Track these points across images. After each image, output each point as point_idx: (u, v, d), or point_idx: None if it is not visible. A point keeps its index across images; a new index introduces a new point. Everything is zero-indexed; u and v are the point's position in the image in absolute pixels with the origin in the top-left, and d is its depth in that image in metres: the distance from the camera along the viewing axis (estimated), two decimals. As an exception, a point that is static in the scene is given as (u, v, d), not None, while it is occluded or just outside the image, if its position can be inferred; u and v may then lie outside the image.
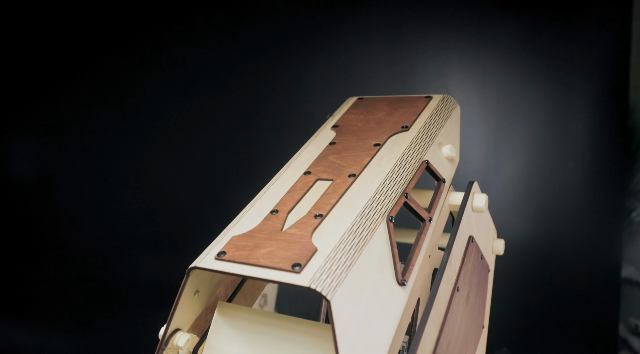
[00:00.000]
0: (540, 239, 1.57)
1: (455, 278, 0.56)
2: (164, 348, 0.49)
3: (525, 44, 1.40)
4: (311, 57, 1.30)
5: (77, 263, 1.21)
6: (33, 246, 1.19)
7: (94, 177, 1.19)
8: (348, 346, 0.41)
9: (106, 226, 1.21)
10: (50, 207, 1.18)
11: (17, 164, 1.14)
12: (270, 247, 0.46)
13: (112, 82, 1.18)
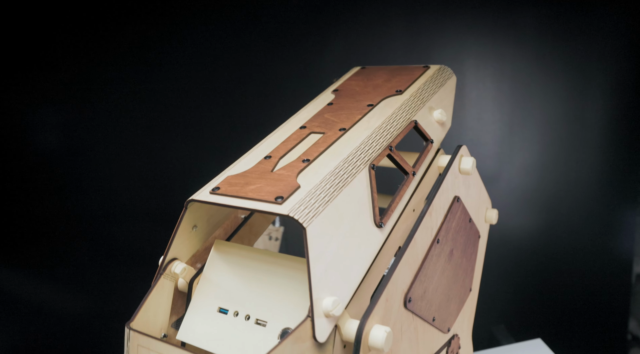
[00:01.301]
0: (551, 229, 1.58)
1: (436, 231, 0.60)
2: (162, 273, 0.54)
3: (543, 32, 1.41)
4: (328, 41, 1.33)
5: (88, 224, 1.28)
6: (52, 206, 1.26)
7: (115, 146, 1.26)
8: (320, 271, 0.45)
9: (117, 192, 1.27)
10: (75, 172, 1.25)
11: (43, 132, 1.21)
12: (259, 184, 0.50)
13: (135, 52, 1.24)
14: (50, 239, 1.27)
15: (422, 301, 0.58)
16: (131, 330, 0.47)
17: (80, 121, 1.23)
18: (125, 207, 1.29)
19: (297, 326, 0.43)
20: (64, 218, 1.26)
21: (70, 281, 1.29)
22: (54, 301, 1.30)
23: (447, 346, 0.69)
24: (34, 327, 1.28)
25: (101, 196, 1.27)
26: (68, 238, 1.28)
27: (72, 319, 1.29)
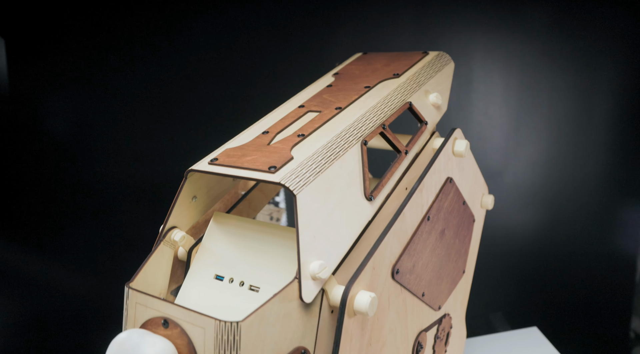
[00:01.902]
0: (556, 225, 1.59)
1: (427, 208, 0.62)
2: (161, 240, 0.57)
3: (552, 27, 1.42)
4: (336, 34, 1.36)
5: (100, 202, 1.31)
6: (66, 186, 1.30)
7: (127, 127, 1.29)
8: (308, 236, 0.48)
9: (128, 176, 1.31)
10: (85, 152, 1.29)
11: (54, 115, 1.25)
12: (255, 156, 0.53)
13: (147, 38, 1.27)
14: (59, 219, 1.31)
15: (411, 274, 0.60)
16: (130, 289, 0.50)
17: (90, 105, 1.27)
18: (132, 187, 1.32)
19: (285, 287, 0.46)
20: (73, 197, 1.30)
21: (78, 260, 1.33)
22: (61, 278, 1.34)
23: (438, 324, 0.71)
24: (38, 305, 1.32)
25: (111, 176, 1.31)
26: (77, 217, 1.32)
27: (77, 296, 1.33)
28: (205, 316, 0.44)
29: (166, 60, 1.28)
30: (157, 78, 1.28)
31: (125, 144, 1.29)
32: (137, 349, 0.43)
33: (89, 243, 1.33)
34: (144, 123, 1.30)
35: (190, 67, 1.29)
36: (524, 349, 0.99)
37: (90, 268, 1.33)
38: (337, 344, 0.48)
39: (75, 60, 1.24)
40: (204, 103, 1.31)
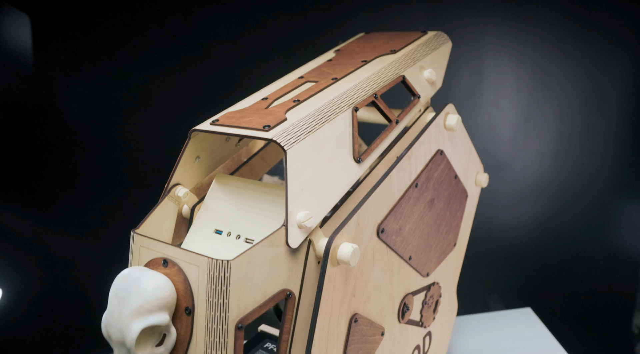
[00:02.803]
0: (562, 218, 1.60)
1: (416, 176, 0.66)
2: (166, 195, 0.62)
3: (565, 19, 1.43)
4: (347, 21, 1.39)
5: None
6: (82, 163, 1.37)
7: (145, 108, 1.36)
8: (296, 189, 0.52)
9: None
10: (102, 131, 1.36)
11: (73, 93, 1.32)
12: (252, 117, 0.57)
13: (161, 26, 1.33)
14: (78, 194, 1.38)
15: (397, 236, 0.64)
16: (135, 233, 0.55)
17: (111, 84, 1.33)
18: (149, 167, 1.38)
19: (273, 232, 0.50)
20: (91, 174, 1.37)
21: (97, 235, 1.39)
22: (81, 253, 1.41)
23: (426, 290, 0.75)
24: (43, 271, 1.39)
25: (128, 156, 1.37)
26: (96, 193, 1.38)
27: (81, 264, 1.40)
28: (200, 255, 0.49)
29: (183, 43, 1.33)
30: (174, 60, 1.34)
31: (142, 124, 1.35)
32: (137, 282, 0.48)
33: (108, 220, 1.40)
34: (162, 104, 1.36)
35: (206, 49, 1.34)
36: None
37: (108, 242, 1.39)
38: (320, 290, 0.53)
39: (98, 38, 1.30)
40: (220, 85, 1.36)
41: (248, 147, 0.74)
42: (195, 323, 0.49)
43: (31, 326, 1.42)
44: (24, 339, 1.43)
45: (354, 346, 0.60)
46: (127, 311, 0.47)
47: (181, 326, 0.50)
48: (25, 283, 1.39)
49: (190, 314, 0.50)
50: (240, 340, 0.49)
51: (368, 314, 0.61)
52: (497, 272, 1.62)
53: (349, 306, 0.57)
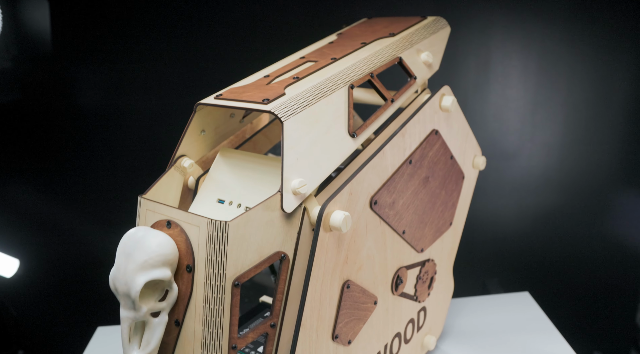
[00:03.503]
0: (568, 209, 1.62)
1: (410, 153, 0.69)
2: (172, 165, 0.66)
3: (574, 10, 1.44)
4: (359, 8, 1.42)
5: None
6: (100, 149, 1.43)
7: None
8: (292, 158, 0.55)
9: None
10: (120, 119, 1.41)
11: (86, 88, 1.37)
12: (253, 92, 0.61)
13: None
14: (93, 177, 1.43)
15: (391, 210, 0.67)
16: (142, 198, 0.59)
17: (126, 69, 1.38)
18: (162, 149, 1.43)
19: (269, 197, 0.54)
20: (105, 156, 1.42)
21: (111, 215, 1.44)
22: (94, 229, 1.46)
23: (421, 266, 0.78)
24: (57, 242, 1.45)
25: (142, 138, 1.42)
26: (110, 174, 1.43)
27: (94, 235, 1.45)
28: (200, 217, 0.53)
29: (195, 30, 1.38)
30: (187, 45, 1.38)
31: (153, 100, 1.40)
32: (142, 239, 0.52)
33: (120, 192, 1.45)
34: (171, 82, 1.40)
35: (219, 35, 1.38)
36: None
37: (119, 213, 1.43)
38: (312, 253, 0.56)
39: (116, 24, 1.35)
40: (226, 65, 1.40)
41: (252, 125, 0.78)
42: (196, 280, 0.53)
43: (47, 294, 1.48)
44: (40, 307, 1.50)
45: (346, 311, 0.63)
46: (133, 266, 0.51)
47: (182, 282, 0.54)
48: (41, 253, 1.45)
49: (190, 271, 0.53)
50: (237, 297, 0.53)
51: (361, 283, 0.65)
52: (501, 261, 1.64)
53: (342, 272, 0.61)
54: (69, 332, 1.45)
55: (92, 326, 1.09)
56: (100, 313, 1.16)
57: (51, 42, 1.31)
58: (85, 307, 1.49)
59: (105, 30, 1.36)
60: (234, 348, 0.54)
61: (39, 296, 1.50)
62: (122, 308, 0.53)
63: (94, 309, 1.37)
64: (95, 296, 1.38)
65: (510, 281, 1.63)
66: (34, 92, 1.35)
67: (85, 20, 1.34)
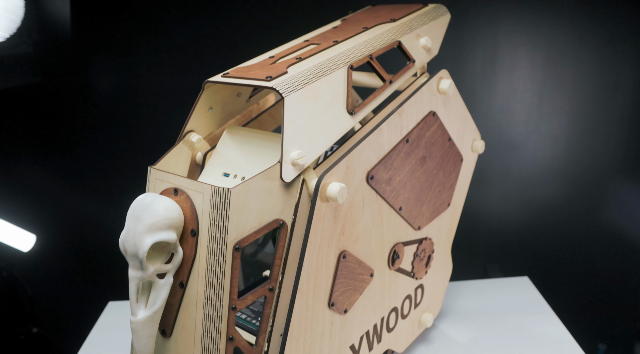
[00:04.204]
0: (574, 200, 1.63)
1: (407, 132, 0.72)
2: (181, 139, 0.69)
3: (580, 2, 1.46)
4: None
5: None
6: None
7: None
8: (292, 131, 0.59)
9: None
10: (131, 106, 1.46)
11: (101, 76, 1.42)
12: (258, 71, 0.64)
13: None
14: (108, 161, 1.48)
15: (387, 186, 0.70)
16: (151, 168, 0.63)
17: (140, 58, 1.42)
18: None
19: (269, 167, 0.57)
20: (121, 143, 1.47)
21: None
22: (111, 213, 1.52)
23: (418, 243, 0.81)
24: (72, 219, 1.51)
25: (155, 122, 1.46)
26: (127, 162, 1.48)
27: (107, 215, 1.50)
28: (205, 184, 0.56)
29: (205, 16, 1.42)
30: (198, 30, 1.42)
31: (166, 86, 1.45)
32: (150, 204, 0.56)
33: (137, 181, 1.50)
34: (183, 64, 1.45)
35: (229, 20, 1.42)
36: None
37: (130, 189, 1.49)
38: (309, 222, 0.59)
39: (131, 11, 1.40)
40: (235, 49, 1.44)
41: (259, 105, 0.81)
42: (199, 243, 0.57)
43: (61, 271, 1.54)
44: (54, 283, 1.56)
45: (342, 281, 0.66)
46: (141, 228, 0.55)
47: (187, 246, 0.58)
48: (56, 229, 1.51)
49: (195, 235, 0.57)
50: (237, 260, 0.57)
51: (357, 254, 0.68)
52: (504, 249, 1.66)
53: (338, 242, 0.64)
54: (81, 307, 1.51)
55: (104, 301, 1.14)
56: (112, 288, 1.21)
57: (70, 29, 1.36)
58: (97, 282, 1.55)
59: (121, 17, 1.40)
60: (234, 308, 0.57)
61: (53, 272, 1.56)
62: (131, 268, 0.57)
63: (105, 284, 1.43)
64: (106, 271, 1.43)
65: (512, 268, 1.65)
66: (53, 76, 1.41)
67: (102, 7, 1.39)
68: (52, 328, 1.62)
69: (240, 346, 0.59)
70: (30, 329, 1.64)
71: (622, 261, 1.65)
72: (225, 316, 0.57)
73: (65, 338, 1.59)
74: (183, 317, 0.60)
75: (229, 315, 0.57)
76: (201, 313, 0.58)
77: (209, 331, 0.58)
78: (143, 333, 0.59)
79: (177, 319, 0.60)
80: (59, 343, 1.62)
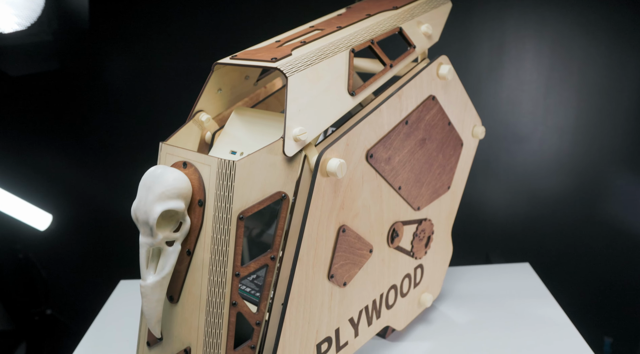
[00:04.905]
0: (578, 194, 1.65)
1: (406, 114, 0.75)
2: (191, 118, 0.73)
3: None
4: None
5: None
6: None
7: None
8: (295, 109, 0.62)
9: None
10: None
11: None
12: (264, 53, 0.68)
13: None
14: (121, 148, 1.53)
15: (387, 165, 0.73)
16: (162, 144, 0.67)
17: (155, 48, 1.47)
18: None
19: (273, 142, 0.61)
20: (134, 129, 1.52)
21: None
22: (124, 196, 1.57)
23: (417, 224, 0.84)
24: (87, 199, 1.56)
25: (168, 110, 1.51)
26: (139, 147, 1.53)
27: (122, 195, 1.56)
28: (212, 157, 0.60)
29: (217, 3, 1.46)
30: (209, 16, 1.46)
31: (178, 68, 1.49)
32: (161, 175, 0.60)
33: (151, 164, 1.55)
34: (195, 47, 1.49)
35: (239, 6, 1.46)
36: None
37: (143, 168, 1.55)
38: (310, 194, 0.63)
39: (149, 6, 1.44)
40: (247, 37, 1.48)
41: (266, 88, 0.85)
42: (206, 213, 0.61)
43: (75, 251, 1.60)
44: (68, 262, 1.61)
45: (341, 254, 0.70)
46: (152, 196, 0.59)
47: (194, 215, 0.62)
48: (71, 210, 1.57)
49: (202, 205, 0.61)
50: (241, 229, 0.60)
51: (356, 229, 0.71)
52: (509, 241, 1.68)
53: (338, 216, 0.68)
54: (94, 288, 1.56)
55: (115, 280, 1.19)
56: (123, 268, 1.25)
57: (88, 18, 1.41)
58: (110, 262, 1.60)
59: (136, 8, 1.45)
60: (237, 275, 0.61)
61: (66, 254, 1.62)
62: (141, 235, 0.61)
63: (117, 263, 1.48)
64: (119, 251, 1.48)
65: (516, 260, 1.67)
66: (71, 63, 1.46)
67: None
68: (65, 310, 1.68)
69: (243, 312, 0.63)
70: (44, 311, 1.70)
71: (627, 255, 1.66)
72: (229, 282, 0.61)
73: (77, 318, 1.64)
74: (189, 283, 0.63)
75: (233, 281, 0.61)
76: (206, 279, 0.62)
77: (214, 296, 0.61)
78: (152, 297, 0.62)
79: (184, 286, 0.64)
80: (72, 323, 1.67)
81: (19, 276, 1.69)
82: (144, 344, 0.71)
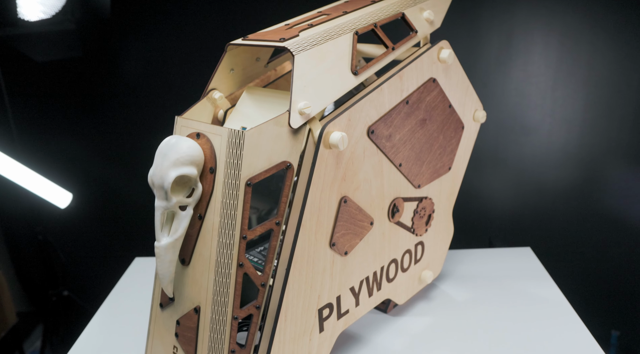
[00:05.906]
0: (585, 186, 1.67)
1: (407, 95, 0.79)
2: (205, 95, 0.78)
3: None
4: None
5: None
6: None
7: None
8: (300, 85, 0.67)
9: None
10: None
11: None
12: (274, 35, 0.73)
13: None
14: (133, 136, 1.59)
15: (388, 142, 0.77)
16: (178, 117, 0.72)
17: (170, 39, 1.53)
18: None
19: (279, 115, 0.65)
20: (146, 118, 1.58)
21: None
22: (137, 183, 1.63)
23: (418, 201, 0.88)
24: (106, 179, 1.62)
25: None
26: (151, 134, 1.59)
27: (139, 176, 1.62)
28: (222, 127, 0.65)
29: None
30: (226, 8, 1.52)
31: (196, 59, 1.55)
32: (176, 143, 0.65)
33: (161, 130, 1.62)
34: (210, 29, 1.54)
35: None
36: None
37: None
38: (313, 164, 0.68)
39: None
40: (259, 22, 1.54)
41: (276, 71, 0.90)
42: (217, 179, 0.66)
43: (95, 228, 1.66)
44: (86, 241, 1.68)
45: (343, 223, 0.74)
46: (167, 162, 0.64)
47: (206, 182, 0.67)
48: (89, 191, 1.63)
49: (213, 172, 0.66)
50: (248, 195, 0.65)
51: (358, 201, 0.76)
52: (516, 232, 1.70)
53: (340, 187, 0.72)
54: (110, 267, 1.63)
55: (131, 258, 1.24)
56: (139, 246, 1.31)
57: (109, 7, 1.47)
58: (126, 244, 1.67)
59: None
60: (244, 238, 0.66)
61: (85, 234, 1.68)
62: (157, 199, 0.66)
63: (133, 241, 1.54)
64: (135, 233, 1.54)
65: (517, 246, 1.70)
66: (92, 50, 1.52)
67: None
68: (81, 290, 1.75)
69: (249, 273, 0.68)
70: (61, 292, 1.78)
71: (633, 248, 1.68)
72: (237, 244, 0.66)
73: (93, 297, 1.71)
74: (200, 246, 0.68)
75: (240, 243, 0.66)
76: (216, 241, 0.67)
77: (222, 257, 0.66)
78: (165, 257, 0.68)
79: (195, 249, 0.69)
80: (87, 304, 1.74)
81: (38, 258, 1.76)
82: (157, 306, 0.76)
